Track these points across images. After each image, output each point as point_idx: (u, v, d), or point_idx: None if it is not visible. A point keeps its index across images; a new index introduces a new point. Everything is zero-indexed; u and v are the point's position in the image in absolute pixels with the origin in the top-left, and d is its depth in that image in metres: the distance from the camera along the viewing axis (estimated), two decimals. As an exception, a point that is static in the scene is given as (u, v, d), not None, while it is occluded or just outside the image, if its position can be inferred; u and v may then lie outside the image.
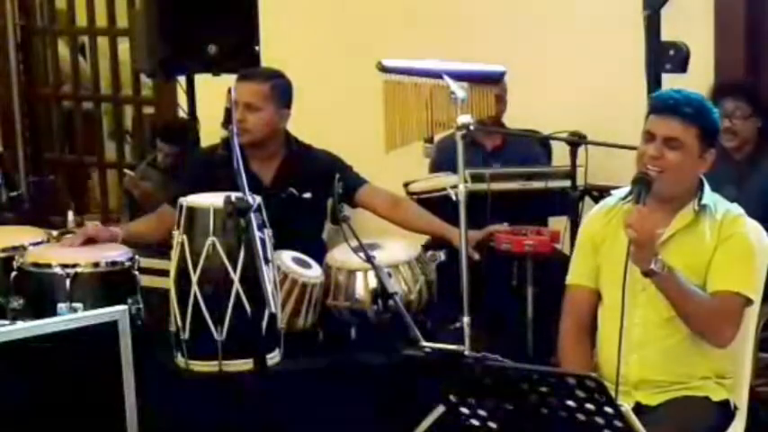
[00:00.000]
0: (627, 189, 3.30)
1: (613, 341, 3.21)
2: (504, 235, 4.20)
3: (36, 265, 3.81)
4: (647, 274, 3.08)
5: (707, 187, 3.28)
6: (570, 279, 3.39)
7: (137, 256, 3.93)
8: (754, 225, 3.32)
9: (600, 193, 4.23)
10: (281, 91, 4.25)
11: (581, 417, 2.58)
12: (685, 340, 3.19)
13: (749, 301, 3.19)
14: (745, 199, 4.45)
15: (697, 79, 4.37)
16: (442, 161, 4.46)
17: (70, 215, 4.96)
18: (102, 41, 6.88)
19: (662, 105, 3.22)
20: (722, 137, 4.60)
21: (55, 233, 4.22)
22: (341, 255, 3.97)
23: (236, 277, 3.52)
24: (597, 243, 3.33)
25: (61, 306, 3.67)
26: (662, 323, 3.18)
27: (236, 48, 4.72)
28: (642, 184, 3.16)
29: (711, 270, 3.18)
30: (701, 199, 3.24)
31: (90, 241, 4.00)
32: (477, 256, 4.02)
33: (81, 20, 6.91)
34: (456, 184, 3.75)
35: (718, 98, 4.64)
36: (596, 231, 3.35)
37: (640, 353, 3.21)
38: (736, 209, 3.28)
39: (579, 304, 3.35)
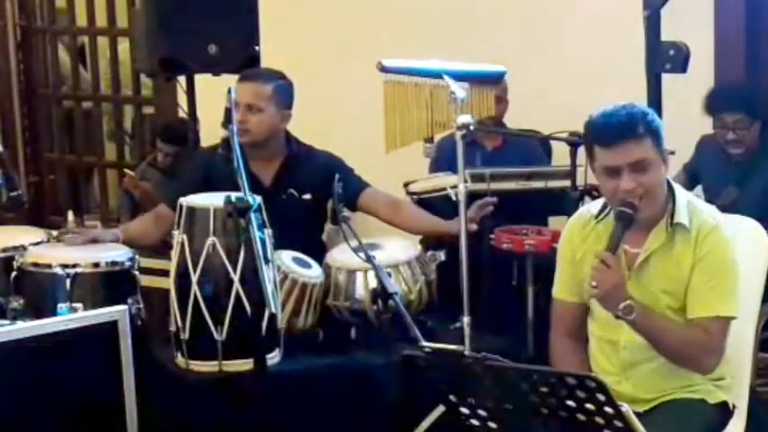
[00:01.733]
0: (601, 202, 3.24)
1: (605, 365, 3.21)
2: (504, 234, 4.20)
3: (36, 265, 3.81)
4: (617, 317, 3.04)
5: (679, 196, 3.14)
6: (555, 293, 3.33)
7: (137, 256, 3.94)
8: (736, 230, 3.21)
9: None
10: (283, 92, 4.24)
11: (581, 417, 2.57)
12: None
13: (733, 318, 3.10)
14: (747, 199, 4.46)
15: (697, 79, 4.36)
16: (442, 161, 4.46)
17: (70, 215, 4.95)
18: (102, 41, 6.87)
19: (610, 134, 3.05)
20: (728, 146, 4.60)
21: (55, 233, 4.21)
22: (341, 255, 3.96)
23: (236, 277, 3.52)
24: (577, 259, 3.25)
25: (61, 306, 3.67)
26: (648, 345, 3.11)
27: (236, 48, 4.72)
28: (623, 225, 3.05)
29: (689, 295, 3.09)
30: (672, 215, 3.10)
31: (92, 242, 4.02)
32: (474, 227, 3.98)
33: (81, 20, 6.90)
34: (456, 184, 3.75)
35: (715, 111, 4.63)
36: (576, 246, 3.26)
37: (630, 374, 3.18)
38: (713, 218, 3.13)
39: (565, 318, 3.30)
